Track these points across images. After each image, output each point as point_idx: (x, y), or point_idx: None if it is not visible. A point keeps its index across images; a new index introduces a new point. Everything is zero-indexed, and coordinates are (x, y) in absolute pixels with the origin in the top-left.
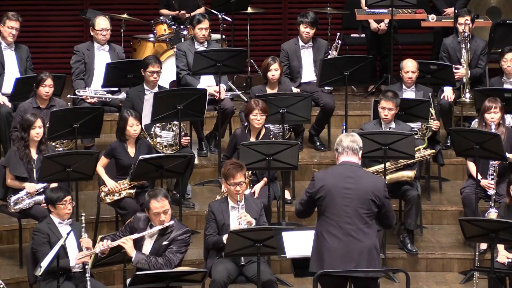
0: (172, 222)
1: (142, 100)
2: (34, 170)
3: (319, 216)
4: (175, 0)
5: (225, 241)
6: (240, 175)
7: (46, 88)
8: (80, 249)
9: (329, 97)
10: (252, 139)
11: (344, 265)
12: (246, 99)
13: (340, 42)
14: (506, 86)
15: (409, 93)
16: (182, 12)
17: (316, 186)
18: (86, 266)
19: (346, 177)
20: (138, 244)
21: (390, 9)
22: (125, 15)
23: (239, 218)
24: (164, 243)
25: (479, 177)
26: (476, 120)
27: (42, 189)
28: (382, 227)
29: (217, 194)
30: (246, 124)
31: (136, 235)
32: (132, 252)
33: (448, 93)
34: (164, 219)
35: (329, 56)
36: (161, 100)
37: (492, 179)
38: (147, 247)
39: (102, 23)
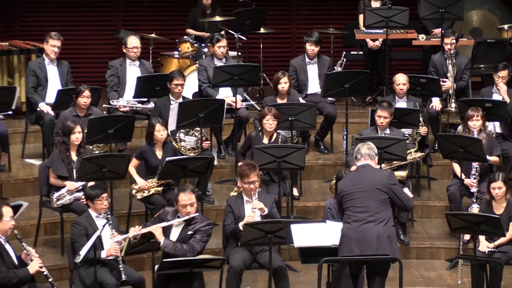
0: (196, 214)
1: (168, 109)
2: (74, 170)
3: (344, 211)
4: (207, 26)
5: (241, 228)
6: (253, 175)
7: (84, 99)
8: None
9: (331, 107)
10: (265, 141)
11: (361, 250)
12: (259, 108)
13: (345, 60)
14: (495, 95)
15: (401, 103)
16: (208, 34)
17: (339, 189)
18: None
19: (360, 176)
20: (166, 232)
21: (385, 29)
22: (153, 35)
23: (252, 207)
24: (189, 232)
25: (463, 176)
26: (461, 126)
27: (81, 187)
28: (402, 211)
29: (233, 191)
30: (260, 128)
31: (164, 224)
32: (161, 238)
33: (436, 103)
34: (190, 211)
35: (333, 71)
36: (185, 109)
37: (475, 178)
38: (174, 235)
39: (133, 41)
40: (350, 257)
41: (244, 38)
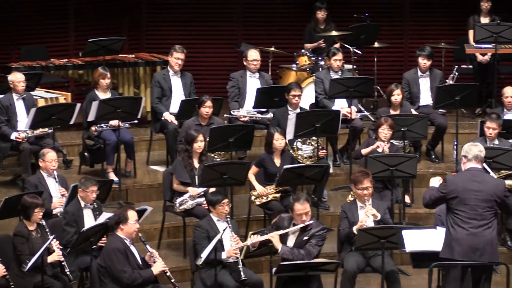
0: (311, 221)
1: (286, 119)
2: (196, 176)
3: (448, 211)
4: (323, 40)
5: (355, 232)
6: (367, 181)
7: (207, 109)
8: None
9: (442, 118)
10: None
11: (471, 254)
12: (373, 119)
13: (457, 73)
14: None
15: (509, 115)
16: (324, 44)
17: (449, 188)
18: (239, 257)
19: (473, 181)
20: (283, 239)
21: (494, 44)
22: (272, 48)
23: (366, 212)
24: (305, 238)
25: None
26: None
27: (202, 193)
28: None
29: (347, 198)
30: (374, 137)
31: (281, 231)
32: (278, 245)
33: None
34: (305, 219)
35: (444, 84)
36: (302, 119)
37: None
38: (291, 241)
39: (253, 54)
40: (461, 261)
41: (359, 52)
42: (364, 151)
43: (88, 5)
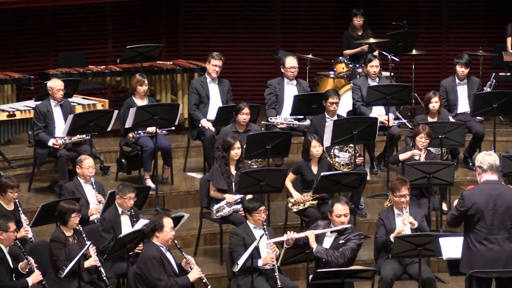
0: (349, 225)
1: (324, 126)
2: (233, 183)
3: (467, 227)
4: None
5: (392, 240)
6: (404, 189)
7: (244, 116)
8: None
9: (480, 126)
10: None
11: (493, 268)
12: (410, 126)
13: (494, 81)
14: None
15: None
16: (363, 47)
17: (467, 205)
18: (275, 264)
19: (491, 195)
20: (319, 240)
21: None
22: (310, 56)
23: (403, 220)
24: (341, 241)
25: None
26: None
27: (239, 200)
28: None
29: (385, 205)
30: (411, 144)
31: (318, 231)
32: (313, 243)
33: None
34: (344, 221)
35: (482, 91)
36: (340, 126)
37: None
38: (327, 243)
39: (291, 62)
40: (500, 270)
41: (397, 59)
42: (402, 156)
43: (126, 12)
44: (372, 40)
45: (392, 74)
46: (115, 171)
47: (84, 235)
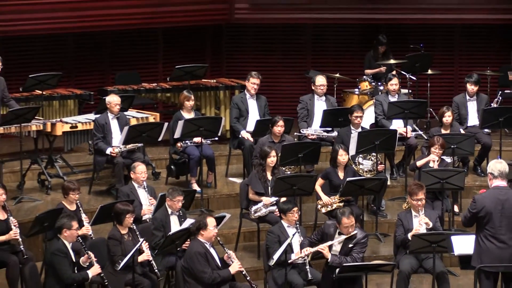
0: (356, 231)
1: (349, 137)
2: (269, 187)
3: (478, 227)
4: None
5: (410, 238)
6: (421, 193)
7: (279, 128)
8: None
9: (487, 137)
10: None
11: (500, 263)
12: (426, 137)
13: (501, 98)
14: None
15: None
16: (384, 68)
17: (478, 207)
18: (306, 258)
19: (500, 200)
20: (330, 247)
21: None
22: (337, 75)
23: (420, 221)
24: (350, 245)
25: None
26: None
27: (274, 202)
28: None
29: (403, 207)
30: (427, 153)
31: (330, 243)
32: (328, 255)
33: None
34: (351, 230)
35: (490, 107)
36: (363, 137)
37: None
38: (337, 247)
39: (320, 80)
40: (506, 265)
41: (414, 78)
42: (419, 163)
43: (175, 36)
44: (392, 61)
45: (410, 91)
46: (165, 176)
47: (137, 232)
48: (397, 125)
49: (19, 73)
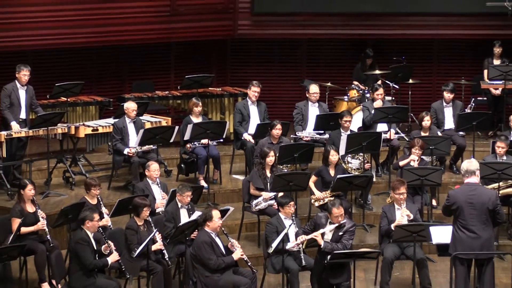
0: (345, 220)
1: (339, 139)
2: (268, 183)
3: (454, 218)
4: (368, 77)
5: (393, 228)
6: (403, 188)
7: (277, 130)
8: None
9: (462, 139)
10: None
11: (472, 251)
12: (407, 139)
13: (474, 104)
14: None
15: None
16: (363, 87)
17: (451, 201)
18: (301, 247)
19: (470, 195)
20: (322, 234)
21: (504, 81)
22: (328, 84)
23: (402, 213)
24: (340, 233)
25: None
26: None
27: (273, 196)
28: (495, 225)
29: (387, 201)
30: (408, 154)
31: (322, 230)
32: (321, 241)
33: None
34: (340, 219)
35: (464, 112)
36: (352, 139)
37: None
38: (328, 235)
39: (313, 88)
40: (477, 253)
41: (397, 87)
42: (401, 163)
43: (185, 49)
44: (377, 72)
45: (393, 98)
46: (176, 173)
47: (152, 224)
48: (382, 128)
49: (46, 82)
